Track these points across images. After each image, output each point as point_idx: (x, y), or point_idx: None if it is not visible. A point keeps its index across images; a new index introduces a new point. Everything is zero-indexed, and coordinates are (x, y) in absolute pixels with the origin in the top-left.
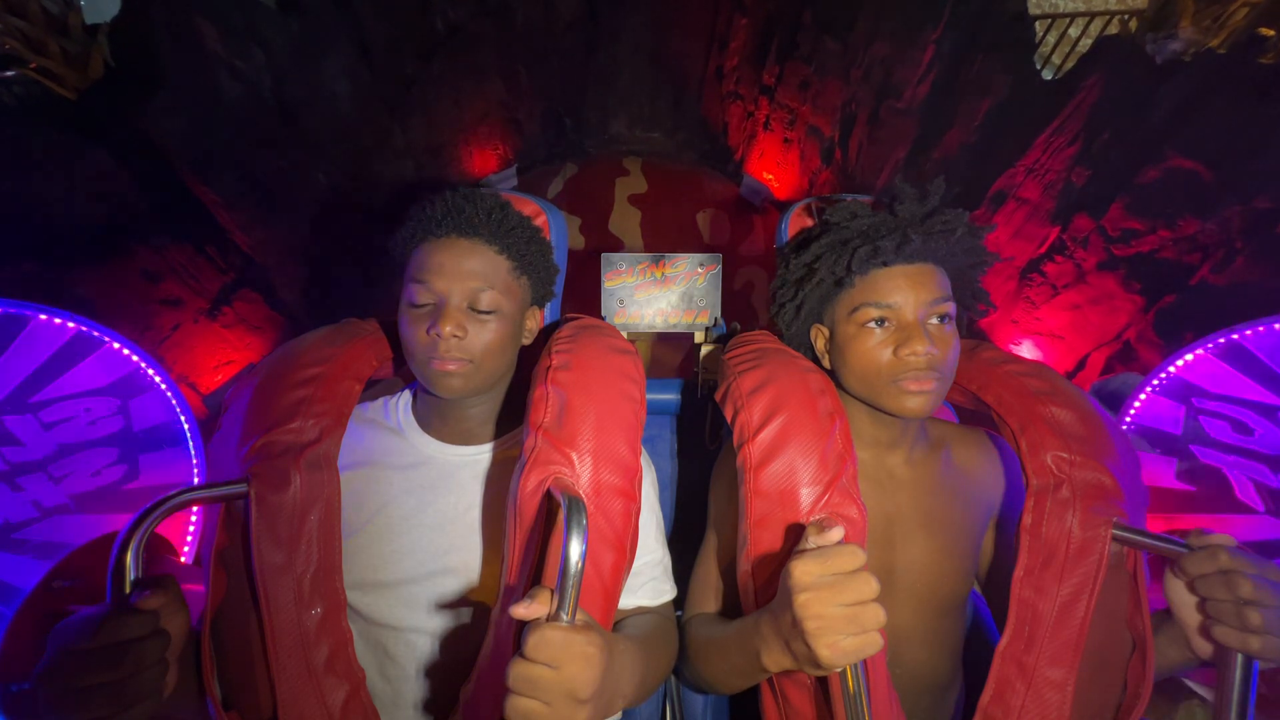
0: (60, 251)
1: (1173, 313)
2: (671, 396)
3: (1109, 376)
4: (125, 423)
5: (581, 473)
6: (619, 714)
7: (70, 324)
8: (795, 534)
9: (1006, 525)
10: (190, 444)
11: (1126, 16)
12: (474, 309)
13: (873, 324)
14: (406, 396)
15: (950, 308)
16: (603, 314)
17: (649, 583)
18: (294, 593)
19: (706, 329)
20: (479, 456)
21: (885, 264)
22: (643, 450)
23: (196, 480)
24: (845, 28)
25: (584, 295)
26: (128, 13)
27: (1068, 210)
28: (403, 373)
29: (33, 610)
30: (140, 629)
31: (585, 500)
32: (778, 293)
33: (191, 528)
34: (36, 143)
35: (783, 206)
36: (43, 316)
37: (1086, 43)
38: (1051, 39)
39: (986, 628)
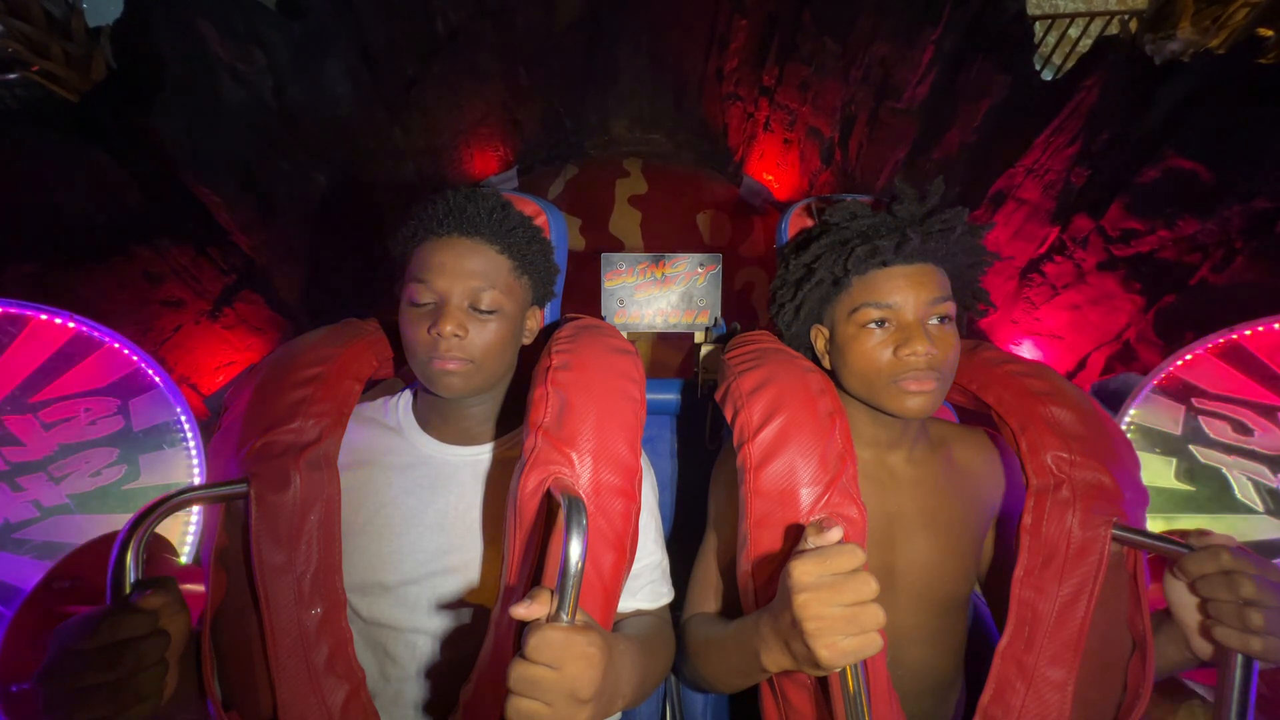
0: (62, 253)
1: (1173, 313)
2: (671, 396)
3: (1109, 376)
4: (125, 423)
5: (581, 473)
6: (618, 715)
7: (70, 324)
8: (795, 534)
9: (1007, 525)
10: (190, 444)
11: (1126, 17)
12: (475, 308)
13: (873, 324)
14: (407, 396)
15: (950, 308)
16: (603, 314)
17: (647, 585)
18: (294, 592)
19: (706, 329)
20: (479, 456)
21: (884, 264)
22: (643, 452)
23: (197, 480)
24: (845, 28)
25: (584, 295)
26: (130, 15)
27: (1067, 210)
28: (403, 373)
29: (33, 610)
30: (140, 629)
31: (585, 500)
32: (777, 293)
33: (191, 528)
34: (39, 145)
35: (783, 207)
36: (43, 316)
37: (1086, 43)
38: (1051, 39)
39: (987, 628)
